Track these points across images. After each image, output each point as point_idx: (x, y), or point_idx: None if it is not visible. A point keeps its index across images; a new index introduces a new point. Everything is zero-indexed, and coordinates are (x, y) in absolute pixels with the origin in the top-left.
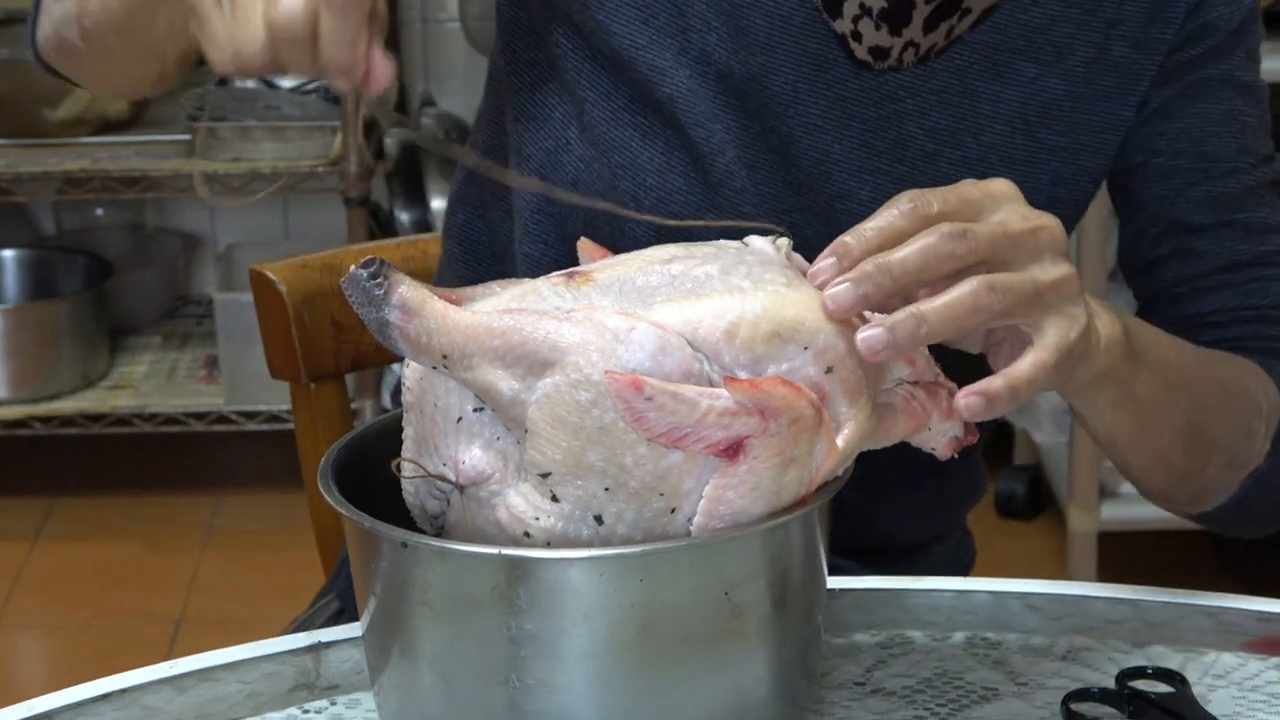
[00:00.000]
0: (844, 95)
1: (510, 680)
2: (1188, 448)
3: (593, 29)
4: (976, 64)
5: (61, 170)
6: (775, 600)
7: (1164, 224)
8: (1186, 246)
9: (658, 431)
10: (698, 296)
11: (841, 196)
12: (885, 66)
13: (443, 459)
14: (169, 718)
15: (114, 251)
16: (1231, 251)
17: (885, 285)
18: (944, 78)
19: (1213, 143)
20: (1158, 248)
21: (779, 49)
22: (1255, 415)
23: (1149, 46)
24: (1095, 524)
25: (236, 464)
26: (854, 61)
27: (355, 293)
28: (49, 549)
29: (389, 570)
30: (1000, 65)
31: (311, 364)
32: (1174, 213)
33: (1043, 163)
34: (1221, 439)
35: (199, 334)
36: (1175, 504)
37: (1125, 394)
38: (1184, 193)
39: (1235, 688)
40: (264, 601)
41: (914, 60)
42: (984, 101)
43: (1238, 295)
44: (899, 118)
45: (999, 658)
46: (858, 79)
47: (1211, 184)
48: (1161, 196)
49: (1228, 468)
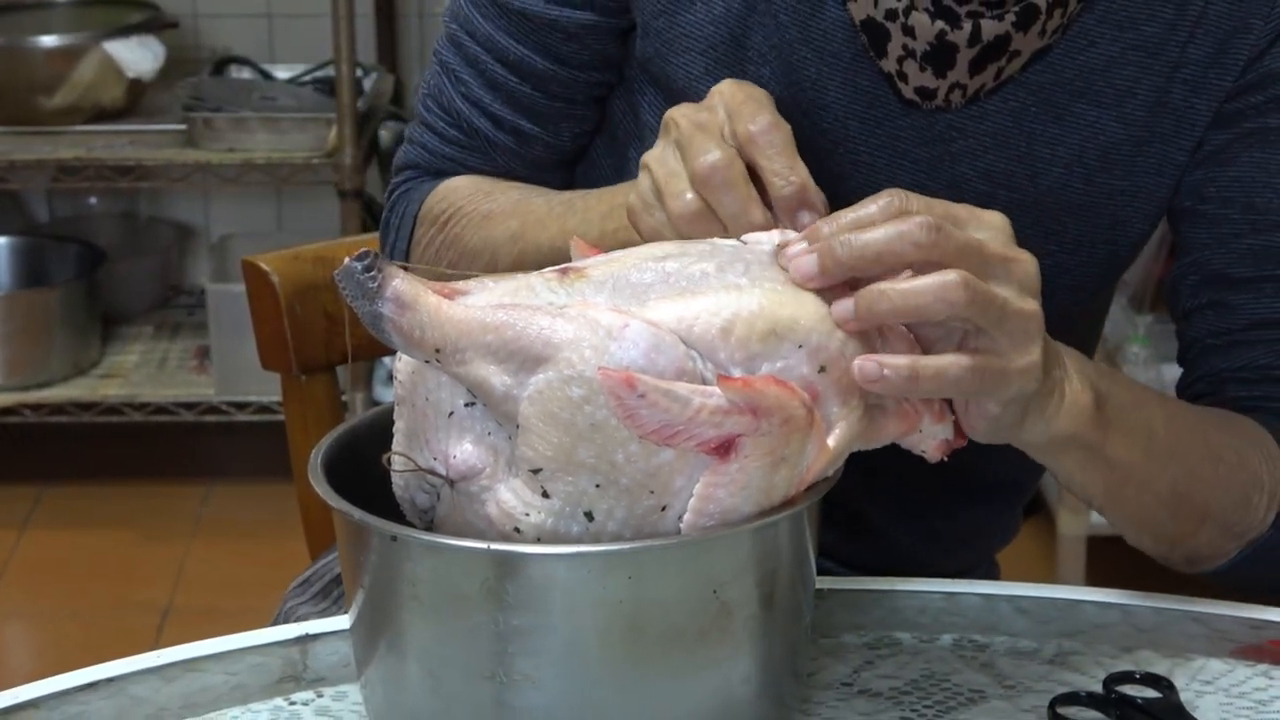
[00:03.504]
0: (894, 134)
1: (497, 675)
2: (1174, 514)
3: (650, 56)
4: (1034, 106)
5: (55, 158)
6: (763, 599)
7: (1204, 273)
8: (1223, 299)
9: (649, 429)
10: (693, 294)
11: None
12: (933, 106)
13: (433, 453)
14: (155, 707)
15: (107, 240)
16: (1268, 308)
17: (844, 260)
18: (999, 119)
19: (1264, 194)
20: (1195, 297)
21: (829, 85)
22: (1255, 487)
23: (1208, 91)
24: (1085, 528)
25: (226, 455)
26: (903, 101)
27: (349, 285)
28: (36, 537)
29: (378, 563)
30: (1059, 107)
31: (303, 356)
32: (1215, 263)
33: (1100, 207)
34: (1214, 508)
35: (191, 324)
36: (1171, 562)
37: (1095, 458)
38: (1228, 243)
39: (1222, 694)
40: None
41: (962, 101)
42: (1041, 144)
43: (1268, 353)
44: (952, 158)
45: (986, 660)
46: (908, 118)
47: (1257, 237)
48: (1205, 244)
49: (1223, 536)
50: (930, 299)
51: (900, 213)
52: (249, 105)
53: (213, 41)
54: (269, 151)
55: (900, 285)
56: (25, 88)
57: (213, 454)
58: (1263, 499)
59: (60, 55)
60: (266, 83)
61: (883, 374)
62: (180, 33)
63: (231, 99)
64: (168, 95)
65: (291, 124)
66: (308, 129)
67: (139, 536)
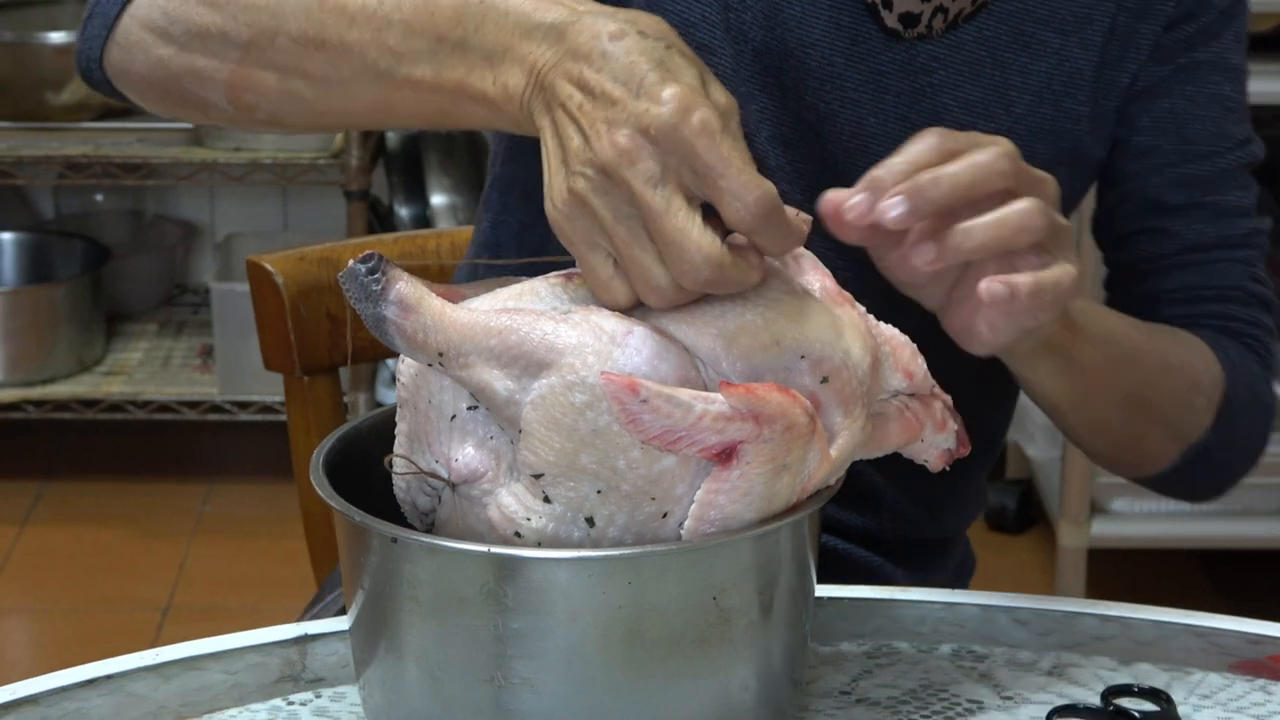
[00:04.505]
0: (879, 69)
1: (495, 678)
2: (1128, 417)
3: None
4: (1004, 35)
5: (62, 155)
6: (763, 607)
7: (1138, 201)
8: (1157, 225)
9: (651, 434)
10: (696, 301)
11: None
12: (916, 34)
13: (435, 456)
14: (153, 705)
15: (112, 237)
16: (1199, 233)
17: (938, 198)
18: (973, 49)
19: (1195, 126)
20: (1130, 223)
21: (813, 24)
22: (1194, 390)
23: (1150, 17)
24: (1085, 540)
25: (228, 454)
26: (885, 32)
27: (353, 287)
28: (37, 533)
29: (378, 565)
30: (1027, 35)
31: (306, 357)
32: (1149, 191)
33: (1067, 132)
34: (1163, 410)
35: (195, 323)
36: (1118, 467)
37: (1066, 363)
38: (1161, 172)
39: (1221, 708)
40: (251, 592)
41: (943, 27)
42: (1013, 73)
43: (1200, 275)
44: (933, 90)
45: (985, 671)
46: (890, 51)
47: (1189, 166)
48: (1139, 174)
49: (1168, 438)
50: (1014, 229)
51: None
52: None
53: None
54: (275, 151)
55: (985, 220)
56: (33, 84)
57: (215, 453)
58: (1200, 400)
59: (68, 52)
60: None
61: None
62: None
63: None
64: None
65: None
66: None
67: (140, 534)
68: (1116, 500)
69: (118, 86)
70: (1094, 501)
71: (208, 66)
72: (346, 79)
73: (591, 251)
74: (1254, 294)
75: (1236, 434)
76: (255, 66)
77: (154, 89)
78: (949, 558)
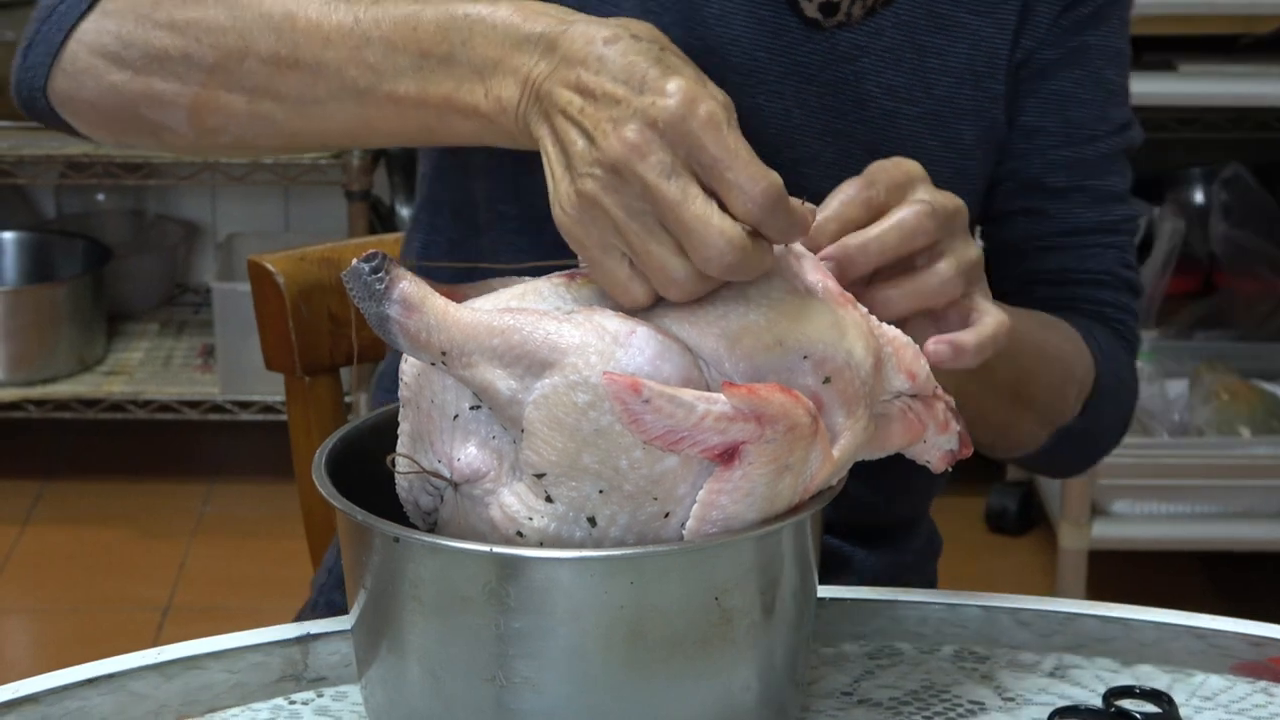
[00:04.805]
0: (801, 60)
1: (497, 678)
2: (1009, 405)
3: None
4: (922, 19)
5: (64, 154)
6: (765, 607)
7: (1020, 180)
8: (1038, 207)
9: (654, 434)
10: (699, 301)
11: (807, 160)
12: (836, 23)
13: (438, 455)
14: (154, 704)
15: (114, 237)
16: (1078, 217)
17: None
18: (892, 34)
19: (1080, 109)
20: (1009, 203)
21: (733, 20)
22: (1068, 379)
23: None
24: (1086, 541)
25: (229, 453)
26: (806, 23)
27: (356, 286)
28: (38, 532)
29: (380, 564)
30: (943, 18)
31: (307, 357)
32: (1031, 171)
33: (986, 111)
34: (1037, 399)
35: (196, 322)
36: (990, 451)
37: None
38: (1044, 154)
39: (1222, 710)
40: (252, 591)
41: (862, 14)
42: (932, 55)
43: (1076, 259)
44: (856, 78)
45: (987, 672)
46: (812, 42)
47: (1071, 149)
48: (1023, 154)
49: (1040, 424)
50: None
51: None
52: None
53: None
54: None
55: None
56: None
57: (216, 452)
58: (1073, 389)
59: None
60: None
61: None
62: None
63: None
64: None
65: None
66: None
67: (141, 533)
68: (1117, 502)
69: (63, 115)
70: (1095, 503)
71: (168, 91)
72: (322, 98)
73: (606, 254)
74: (1125, 279)
75: (1103, 418)
76: (222, 89)
77: (104, 115)
78: (913, 538)
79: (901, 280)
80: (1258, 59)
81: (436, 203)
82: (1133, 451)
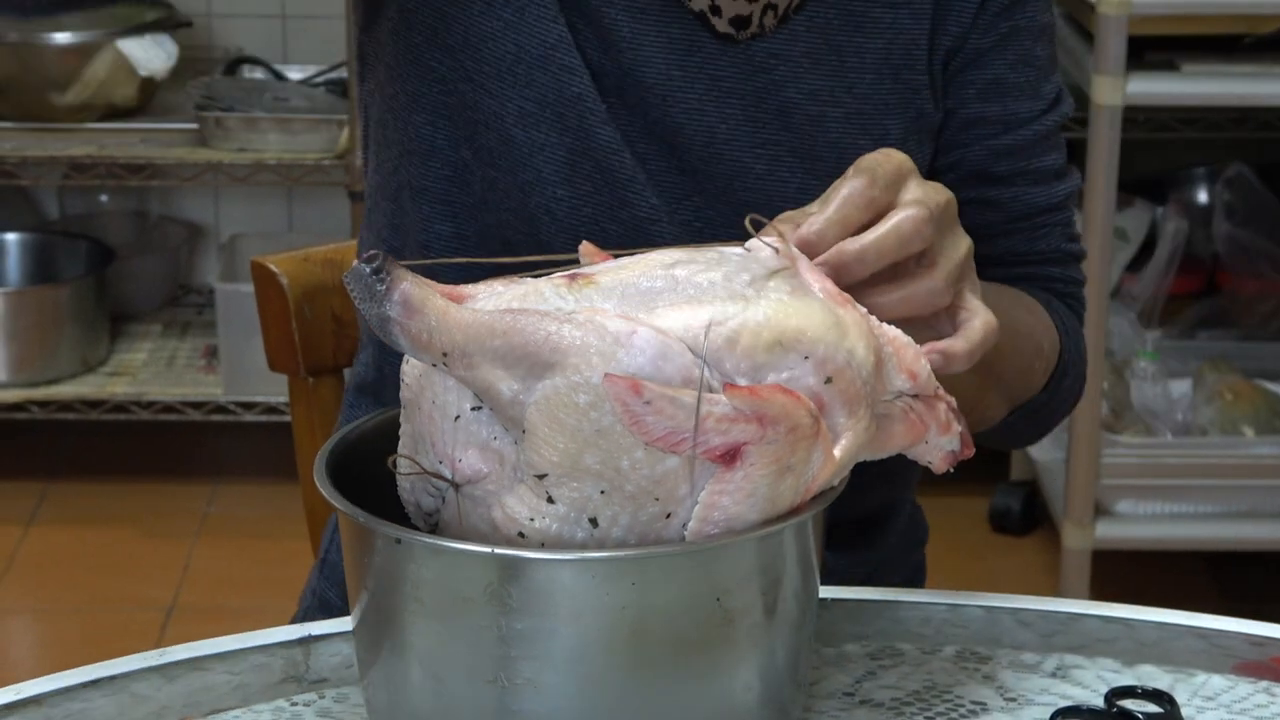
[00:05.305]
0: (717, 74)
1: (499, 679)
2: (979, 384)
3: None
4: (835, 19)
5: (67, 155)
6: (766, 608)
7: (964, 171)
8: (984, 196)
9: (655, 435)
10: (700, 302)
11: (737, 174)
12: (749, 35)
13: (439, 456)
14: (157, 706)
15: (117, 238)
16: (1025, 203)
17: (860, 273)
18: (808, 39)
19: (1015, 93)
20: (957, 193)
21: (645, 42)
22: (1037, 355)
23: None
24: (1089, 541)
25: (232, 454)
26: (719, 38)
27: (357, 287)
28: (42, 533)
29: (382, 565)
30: (857, 15)
31: (310, 358)
32: (974, 160)
33: (910, 103)
34: (1006, 377)
35: (199, 323)
36: None
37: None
38: (985, 142)
39: (1224, 710)
40: (255, 592)
41: (775, 23)
42: (850, 54)
43: (1025, 241)
44: (776, 87)
45: (989, 673)
46: (727, 56)
47: (1011, 135)
48: (965, 144)
49: (1005, 401)
50: (920, 305)
51: (879, 204)
52: (261, 105)
53: (226, 41)
54: (280, 152)
55: (893, 298)
56: (38, 84)
57: (219, 453)
58: (1041, 365)
59: (73, 52)
60: (279, 83)
61: (947, 360)
62: (193, 32)
63: (244, 99)
64: (180, 94)
65: (303, 125)
66: (319, 130)
67: (144, 534)
68: (1121, 502)
69: None
70: (1098, 503)
71: None
72: None
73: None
74: (1070, 253)
75: (1061, 391)
76: None
77: None
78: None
79: (890, 289)
80: (1261, 58)
81: (396, 185)
82: (1136, 451)
